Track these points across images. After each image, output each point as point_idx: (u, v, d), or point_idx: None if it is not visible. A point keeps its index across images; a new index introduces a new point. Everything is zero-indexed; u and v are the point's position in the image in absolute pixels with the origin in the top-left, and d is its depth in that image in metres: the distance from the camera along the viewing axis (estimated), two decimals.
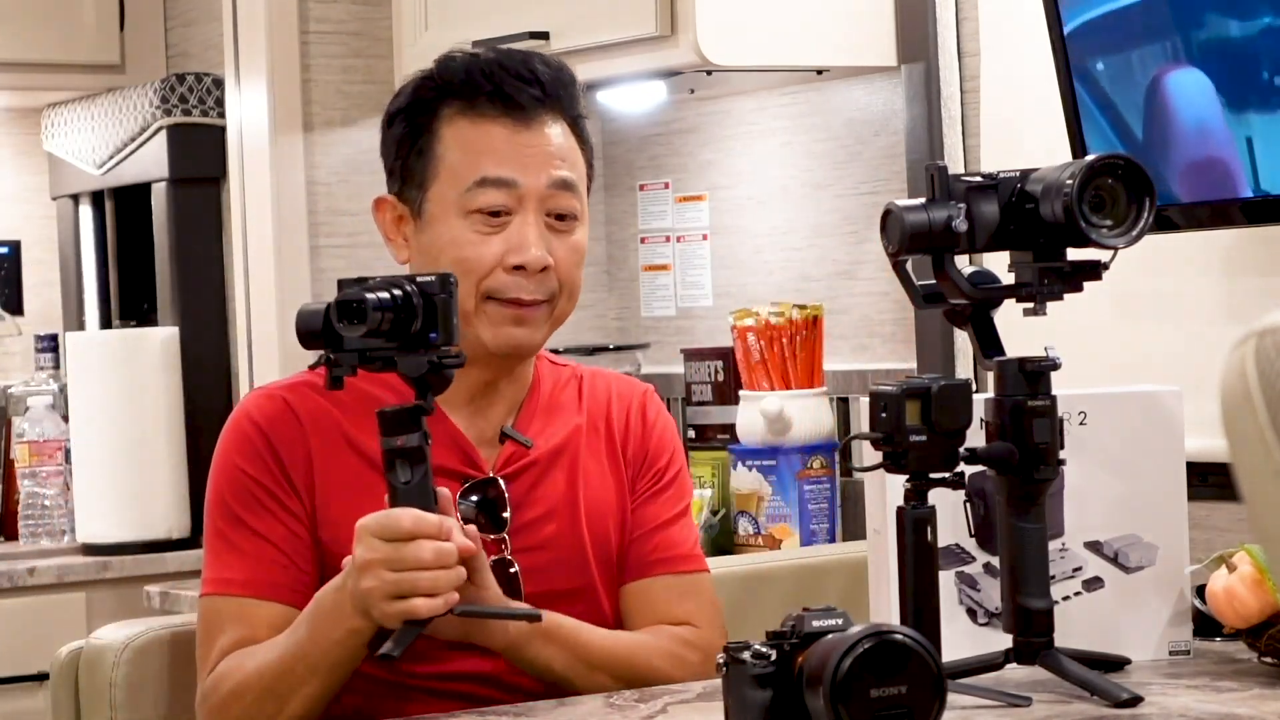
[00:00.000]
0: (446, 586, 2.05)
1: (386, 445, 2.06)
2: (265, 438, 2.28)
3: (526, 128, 2.28)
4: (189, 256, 4.23)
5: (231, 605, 2.24)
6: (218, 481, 2.30)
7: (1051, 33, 2.84)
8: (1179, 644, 2.34)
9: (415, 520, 2.05)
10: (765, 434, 3.39)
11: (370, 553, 2.06)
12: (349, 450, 2.28)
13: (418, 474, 2.07)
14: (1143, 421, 2.34)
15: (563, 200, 2.29)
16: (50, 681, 2.45)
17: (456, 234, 2.27)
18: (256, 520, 2.26)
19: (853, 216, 3.57)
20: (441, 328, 2.07)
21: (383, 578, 2.05)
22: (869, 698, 1.80)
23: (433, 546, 2.05)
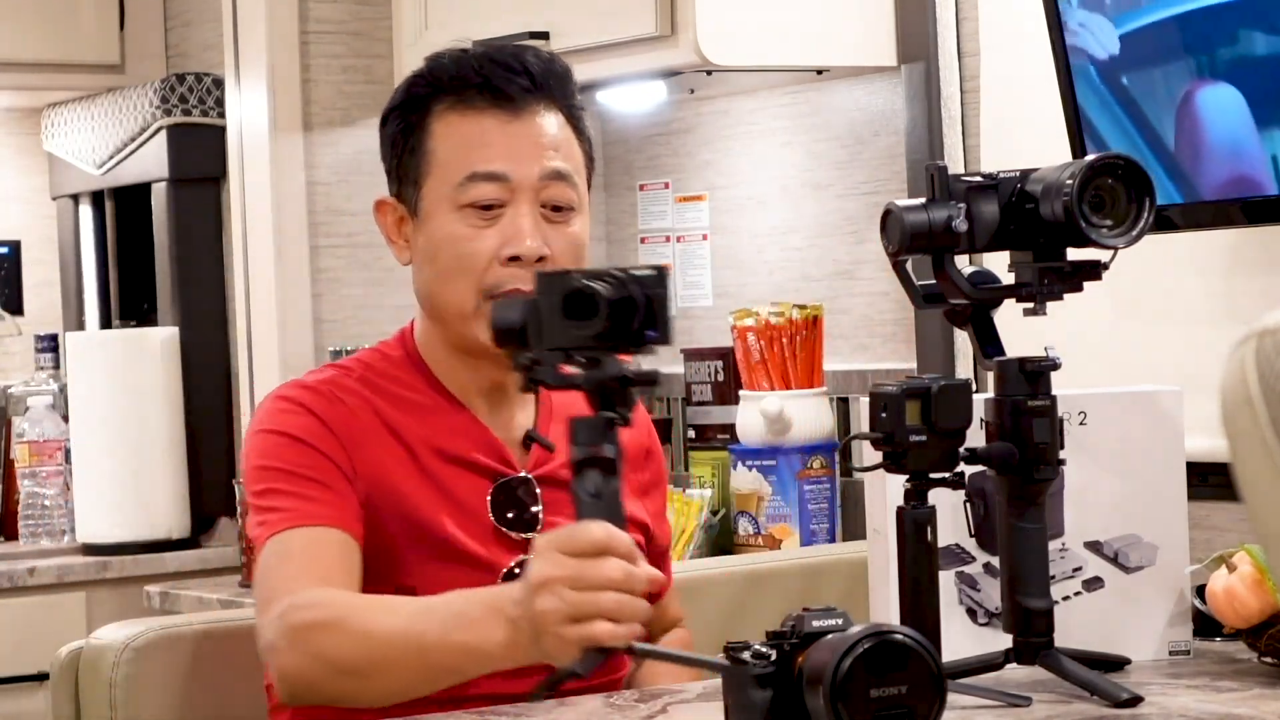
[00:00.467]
0: (632, 615, 1.86)
1: (578, 454, 1.87)
2: (315, 414, 2.23)
3: (517, 118, 2.26)
4: (189, 256, 4.23)
5: (299, 536, 2.15)
6: (268, 450, 2.23)
7: (1051, 33, 2.84)
8: (1179, 644, 2.34)
9: (608, 535, 1.86)
10: (765, 434, 3.39)
11: (553, 569, 1.86)
12: (390, 436, 2.25)
13: (609, 486, 1.87)
14: (1143, 421, 2.34)
15: (557, 190, 2.27)
16: (50, 681, 2.45)
17: (451, 229, 2.25)
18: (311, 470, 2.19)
19: (853, 216, 3.57)
20: (660, 326, 1.90)
21: (564, 597, 1.85)
22: (869, 698, 1.80)
23: (621, 566, 1.85)
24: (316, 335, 3.94)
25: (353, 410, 2.25)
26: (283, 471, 2.21)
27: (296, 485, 2.19)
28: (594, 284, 1.87)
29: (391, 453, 2.24)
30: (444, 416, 2.27)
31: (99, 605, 4.00)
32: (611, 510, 1.87)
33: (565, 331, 1.87)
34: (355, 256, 3.96)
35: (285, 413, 2.24)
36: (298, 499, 2.18)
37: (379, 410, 2.26)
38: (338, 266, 3.97)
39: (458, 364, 2.30)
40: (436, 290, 2.28)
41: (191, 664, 2.39)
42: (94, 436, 4.09)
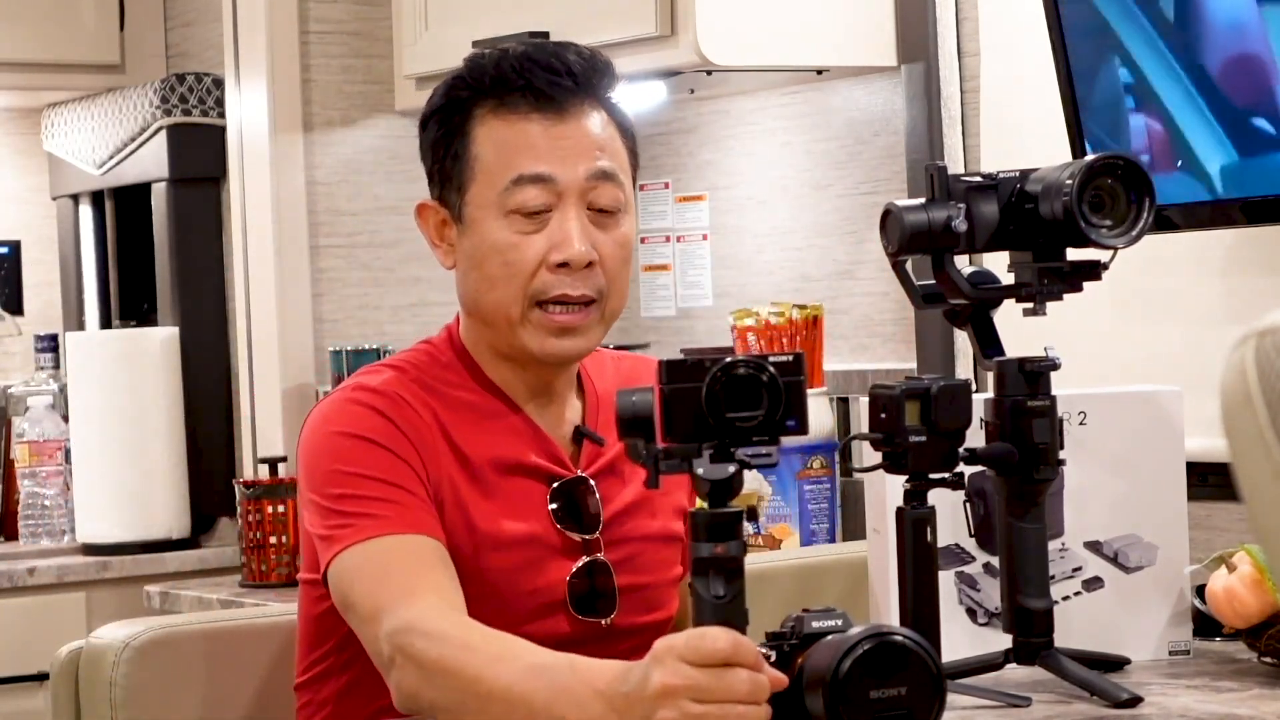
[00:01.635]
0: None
1: (702, 552, 1.79)
2: (384, 416, 2.18)
3: (561, 120, 2.22)
4: (189, 256, 4.23)
5: (395, 544, 2.10)
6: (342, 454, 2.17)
7: (1051, 33, 2.84)
8: (1179, 644, 2.34)
9: (734, 644, 1.77)
10: None
11: (675, 678, 1.77)
12: (448, 441, 2.21)
13: (733, 589, 1.80)
14: (1143, 421, 2.34)
15: (604, 192, 2.23)
16: (50, 681, 2.45)
17: (498, 236, 2.20)
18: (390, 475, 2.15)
19: (853, 216, 3.57)
20: (800, 416, 1.83)
21: (686, 710, 1.77)
22: (869, 698, 1.80)
23: (749, 678, 1.78)
24: (316, 335, 3.94)
25: (418, 413, 2.21)
26: (366, 476, 2.15)
27: (383, 491, 2.15)
28: (758, 371, 1.81)
29: (452, 458, 2.21)
30: (498, 419, 2.25)
31: (99, 605, 4.00)
32: (736, 614, 1.80)
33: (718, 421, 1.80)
34: (355, 256, 3.96)
35: (358, 416, 2.19)
36: (388, 505, 2.14)
37: (437, 413, 2.22)
38: (338, 266, 3.97)
39: (505, 365, 2.26)
40: (483, 296, 2.23)
41: (191, 664, 2.39)
42: (94, 436, 4.09)
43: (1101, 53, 2.81)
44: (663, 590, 2.31)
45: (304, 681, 2.30)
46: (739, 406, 1.81)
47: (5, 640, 3.93)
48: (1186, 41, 2.71)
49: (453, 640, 2.01)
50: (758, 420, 1.81)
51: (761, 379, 1.81)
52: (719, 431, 1.81)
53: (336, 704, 2.26)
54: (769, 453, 1.83)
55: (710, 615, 1.79)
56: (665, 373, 1.82)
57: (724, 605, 1.79)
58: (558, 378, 2.28)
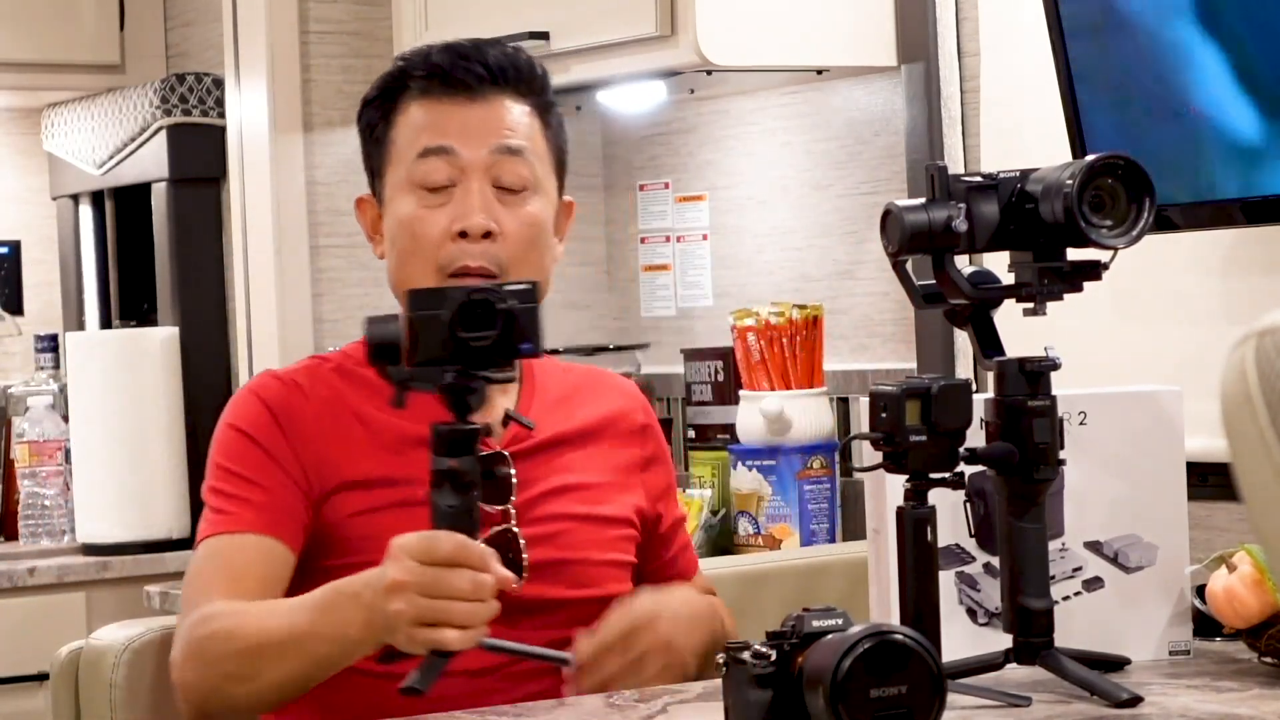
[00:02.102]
0: (479, 620, 1.98)
1: (438, 465, 1.98)
2: (270, 410, 2.28)
3: (471, 103, 2.31)
4: (189, 256, 4.23)
5: (224, 543, 2.24)
6: (218, 445, 2.31)
7: (1051, 33, 2.84)
8: (1179, 644, 2.34)
9: (457, 545, 1.97)
10: (765, 434, 3.40)
11: (405, 574, 1.98)
12: (356, 421, 2.29)
13: (464, 501, 1.98)
14: (1143, 421, 2.34)
15: (509, 167, 2.31)
16: (50, 681, 2.45)
17: (406, 211, 2.30)
18: (254, 472, 2.26)
19: (853, 216, 3.57)
20: (534, 338, 1.99)
21: (415, 603, 1.97)
22: (869, 698, 1.80)
23: (471, 576, 1.97)
24: (316, 335, 3.94)
25: (312, 401, 2.28)
26: (225, 471, 2.27)
27: (234, 486, 2.26)
28: (490, 296, 1.97)
29: (359, 441, 2.27)
30: (417, 403, 2.28)
31: (99, 605, 4.00)
32: (466, 522, 1.97)
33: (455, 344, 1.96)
34: (355, 256, 3.96)
35: (242, 405, 2.31)
36: (233, 501, 2.25)
37: (349, 400, 2.30)
38: (338, 266, 3.97)
39: None
40: (398, 274, 2.32)
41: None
42: (94, 436, 4.09)
43: (1101, 53, 2.81)
44: (593, 569, 2.34)
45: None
46: (475, 329, 1.96)
47: (5, 640, 3.93)
48: (1186, 41, 2.71)
49: (225, 614, 2.15)
50: (491, 341, 1.96)
51: (495, 305, 1.96)
52: (458, 355, 1.96)
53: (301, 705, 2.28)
54: (508, 373, 2.01)
55: (442, 522, 1.97)
56: (411, 301, 1.98)
57: (455, 513, 1.97)
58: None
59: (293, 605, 2.14)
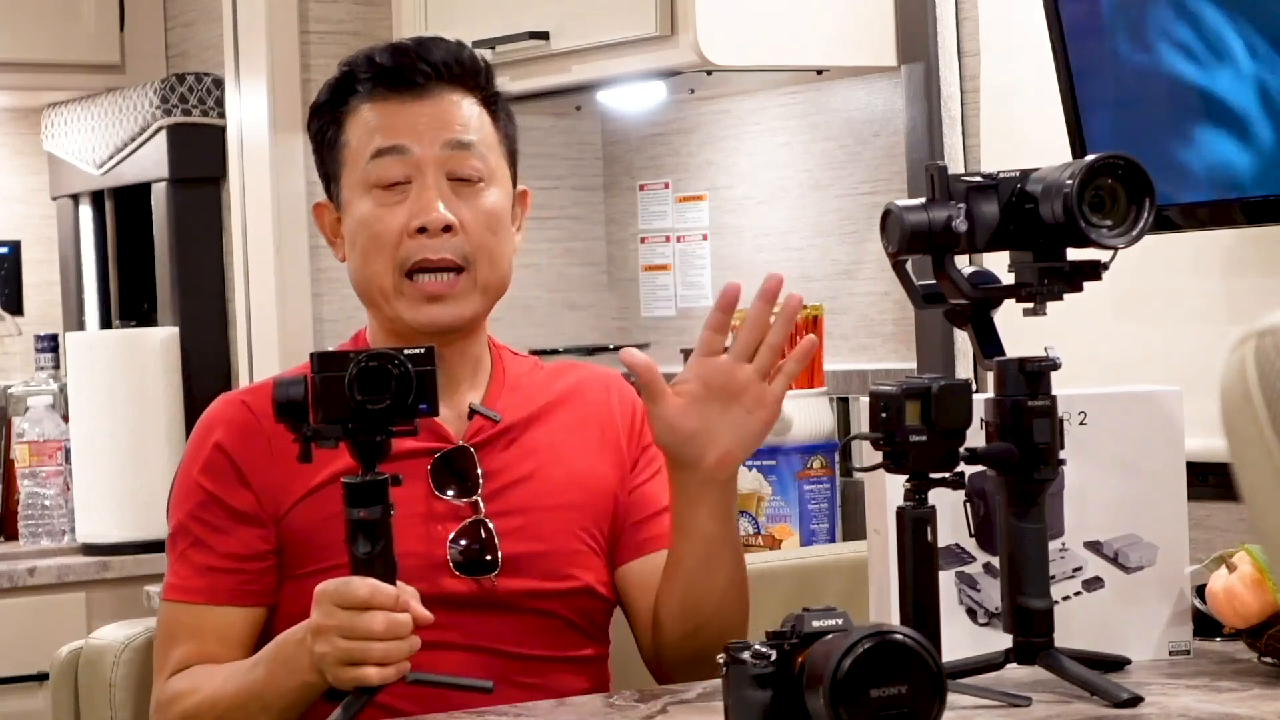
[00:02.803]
0: (398, 656, 2.07)
1: (350, 515, 2.08)
2: (223, 450, 2.32)
3: (419, 100, 2.33)
4: (189, 256, 4.23)
5: (186, 613, 2.30)
6: (178, 492, 2.35)
7: (1051, 33, 2.84)
8: (1179, 644, 2.34)
9: (371, 590, 2.07)
10: None
11: (326, 618, 2.08)
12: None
13: (379, 545, 2.08)
14: (1143, 421, 2.34)
15: (462, 161, 2.33)
16: (50, 681, 2.45)
17: (364, 212, 2.32)
18: (210, 534, 2.30)
19: (853, 216, 3.57)
20: (430, 399, 2.09)
21: (336, 644, 2.08)
22: (869, 698, 1.80)
23: (385, 618, 2.06)
24: (316, 335, 3.94)
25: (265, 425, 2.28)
26: (185, 528, 2.33)
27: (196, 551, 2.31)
28: (384, 363, 2.07)
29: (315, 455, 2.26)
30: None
31: (99, 605, 4.00)
32: (381, 566, 2.08)
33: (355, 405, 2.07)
34: None
35: (197, 448, 2.34)
36: (189, 567, 2.31)
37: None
38: (338, 266, 3.95)
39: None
40: (360, 274, 2.34)
41: None
42: (94, 436, 4.09)
43: (1101, 53, 2.81)
44: (567, 558, 2.35)
45: None
46: (374, 392, 2.07)
47: (5, 640, 3.93)
48: (1186, 41, 2.71)
49: (186, 691, 2.26)
50: (388, 403, 2.07)
51: (392, 370, 2.06)
52: (358, 415, 2.07)
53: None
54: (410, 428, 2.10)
55: (359, 568, 2.08)
56: (316, 363, 2.08)
57: (370, 558, 2.08)
58: (447, 354, 2.32)
59: (248, 665, 2.23)
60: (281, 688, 2.17)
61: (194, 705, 2.24)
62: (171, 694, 2.27)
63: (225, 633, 2.29)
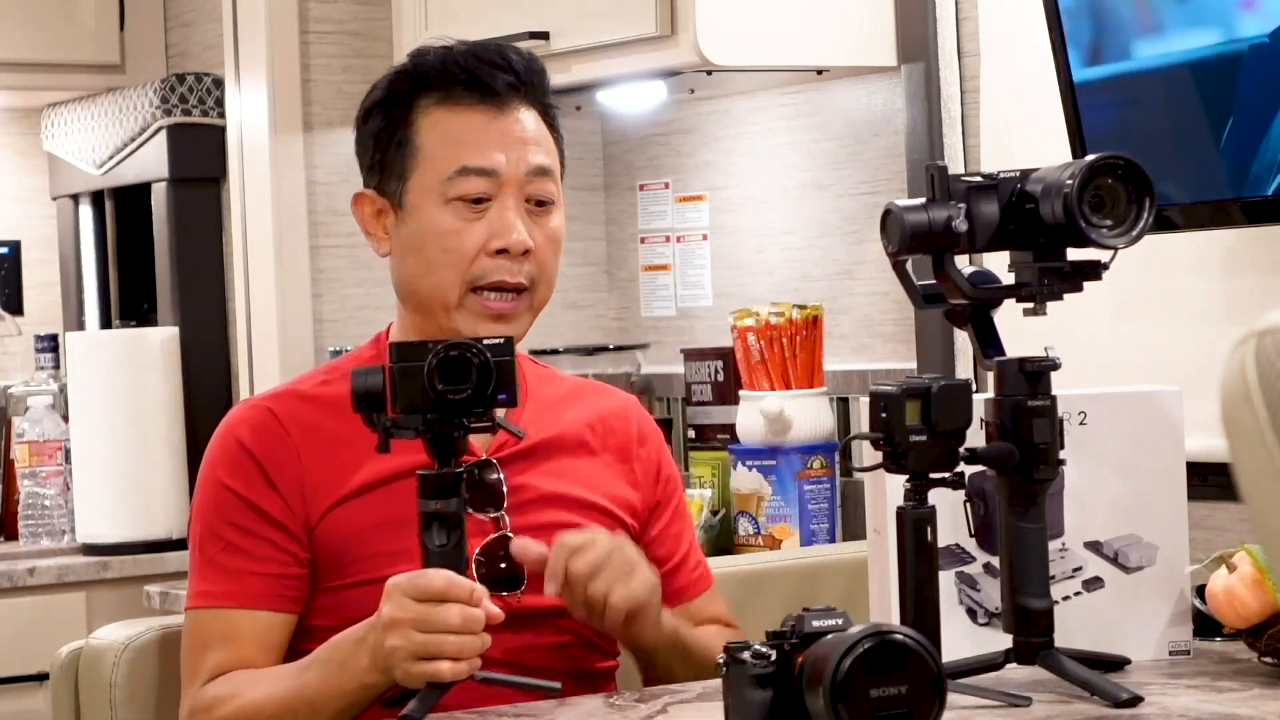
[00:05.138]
0: (471, 652, 2.05)
1: (424, 508, 2.07)
2: (250, 453, 2.29)
3: (501, 114, 2.31)
4: (189, 256, 4.23)
5: (218, 619, 2.26)
6: (203, 497, 2.32)
7: (1051, 33, 2.84)
8: (1179, 644, 2.34)
9: (447, 582, 2.05)
10: (765, 434, 3.39)
11: (399, 611, 2.06)
12: (341, 450, 2.29)
13: (453, 538, 2.07)
14: (1143, 421, 2.34)
15: (541, 185, 2.32)
16: (50, 681, 2.45)
17: (440, 222, 2.30)
18: (241, 538, 2.27)
19: (853, 216, 3.57)
20: (510, 390, 2.09)
21: (409, 638, 2.05)
22: (869, 698, 1.80)
23: (460, 610, 2.05)
24: (316, 335, 3.94)
25: (291, 432, 2.28)
26: (212, 532, 2.28)
27: (223, 554, 2.27)
28: (465, 353, 2.07)
29: (340, 463, 2.28)
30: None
31: (99, 605, 3.99)
32: (455, 559, 2.07)
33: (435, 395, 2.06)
34: (355, 256, 3.96)
35: (221, 450, 2.31)
36: (219, 572, 2.27)
37: (328, 422, 2.29)
38: (338, 266, 3.97)
39: None
40: (420, 280, 2.32)
41: None
42: (94, 436, 4.09)
43: (1101, 53, 2.81)
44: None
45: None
46: (454, 382, 2.07)
47: (5, 640, 3.93)
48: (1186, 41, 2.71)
49: (224, 695, 2.20)
50: (468, 393, 2.06)
51: (472, 359, 2.06)
52: (437, 405, 2.06)
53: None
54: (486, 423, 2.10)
55: (434, 560, 2.07)
56: (394, 353, 2.08)
57: (445, 552, 2.06)
58: None
59: (297, 668, 2.19)
60: (335, 690, 2.14)
61: (235, 710, 2.20)
62: (210, 699, 2.22)
63: (261, 638, 2.25)
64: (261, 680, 2.21)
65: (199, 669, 2.25)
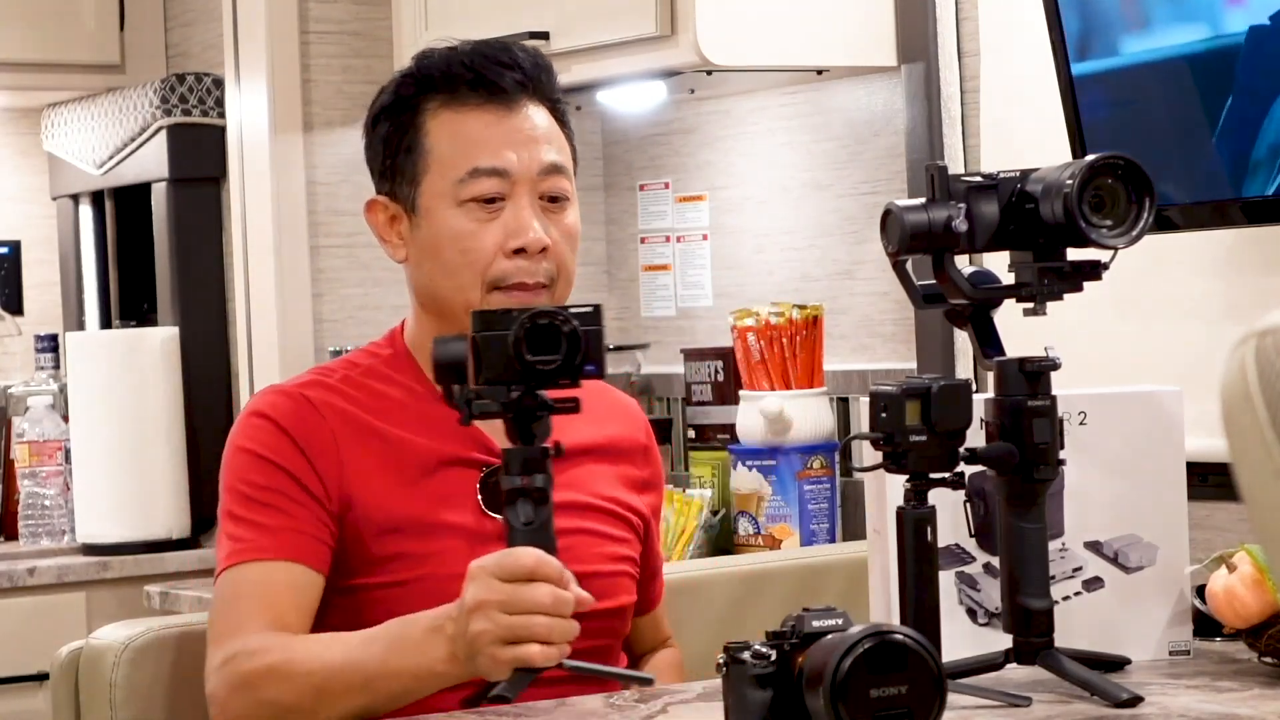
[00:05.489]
0: (562, 636, 1.97)
1: (509, 484, 1.99)
2: (282, 428, 2.25)
3: (510, 112, 2.30)
4: (189, 256, 4.23)
5: (253, 572, 2.20)
6: (233, 470, 2.27)
7: (1051, 33, 2.84)
8: (1179, 644, 2.34)
9: (537, 560, 1.96)
10: (765, 434, 3.39)
11: (486, 593, 1.96)
12: (374, 436, 2.26)
13: (541, 515, 1.99)
14: (1143, 421, 2.34)
15: (554, 182, 2.31)
16: (50, 681, 2.45)
17: (454, 225, 2.28)
18: (277, 498, 2.22)
19: (853, 216, 3.57)
20: (599, 361, 2.01)
21: (497, 620, 1.95)
22: (869, 698, 1.80)
23: (551, 590, 1.96)
24: (316, 335, 3.94)
25: (327, 417, 2.25)
26: (244, 496, 2.24)
27: (255, 512, 2.22)
28: (555, 319, 1.98)
29: (373, 454, 2.25)
30: (431, 414, 2.28)
31: (99, 605, 4.00)
32: (543, 538, 1.97)
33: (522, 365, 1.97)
34: (355, 256, 3.96)
35: (255, 427, 2.26)
36: (255, 529, 2.21)
37: (359, 413, 2.27)
38: (338, 266, 3.97)
39: None
40: (439, 285, 2.29)
41: (192, 664, 2.39)
42: (94, 436, 4.09)
43: (1101, 52, 2.81)
44: (606, 580, 2.32)
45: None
46: (542, 352, 1.97)
47: (5, 640, 3.93)
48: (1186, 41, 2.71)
49: (276, 648, 2.11)
50: (557, 364, 1.97)
51: (561, 327, 1.98)
52: (524, 375, 1.97)
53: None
54: (572, 397, 2.01)
55: (520, 539, 1.97)
56: (477, 321, 1.99)
57: (532, 530, 1.97)
58: None
59: (356, 640, 2.10)
60: (396, 671, 2.04)
61: (281, 662, 2.10)
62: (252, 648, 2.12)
63: (298, 595, 2.17)
64: (313, 645, 2.12)
65: (231, 624, 2.18)
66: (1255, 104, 2.64)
